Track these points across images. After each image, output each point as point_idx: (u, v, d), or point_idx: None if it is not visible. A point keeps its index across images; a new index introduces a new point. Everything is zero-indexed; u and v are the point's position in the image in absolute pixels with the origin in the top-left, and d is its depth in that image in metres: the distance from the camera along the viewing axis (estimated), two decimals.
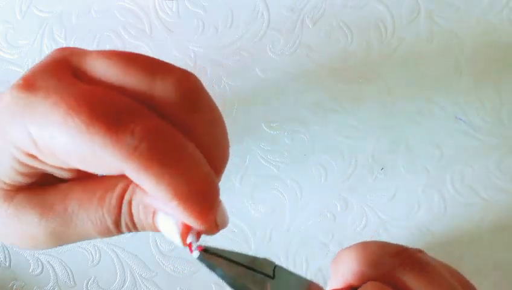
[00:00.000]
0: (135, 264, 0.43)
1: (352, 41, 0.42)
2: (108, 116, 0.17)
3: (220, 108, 0.21)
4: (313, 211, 0.42)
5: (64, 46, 0.43)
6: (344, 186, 0.42)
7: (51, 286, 0.43)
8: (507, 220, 0.41)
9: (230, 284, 0.19)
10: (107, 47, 0.43)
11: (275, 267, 0.20)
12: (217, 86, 0.43)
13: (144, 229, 0.20)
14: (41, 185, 0.20)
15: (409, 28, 0.42)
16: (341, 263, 0.22)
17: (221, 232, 0.18)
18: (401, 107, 0.42)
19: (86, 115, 0.16)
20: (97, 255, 0.43)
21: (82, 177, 0.20)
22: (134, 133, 0.17)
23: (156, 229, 0.19)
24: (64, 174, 0.20)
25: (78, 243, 0.42)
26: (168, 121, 0.18)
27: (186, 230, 0.19)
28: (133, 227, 0.19)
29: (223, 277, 0.19)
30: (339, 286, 0.22)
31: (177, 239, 0.19)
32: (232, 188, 0.42)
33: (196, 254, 0.19)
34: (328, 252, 0.42)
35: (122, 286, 0.43)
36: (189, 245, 0.19)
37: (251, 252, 0.42)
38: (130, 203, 0.19)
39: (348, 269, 0.21)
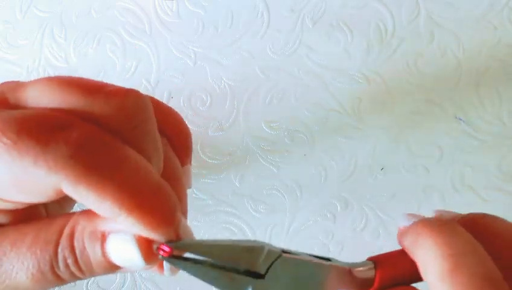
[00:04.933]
0: None
1: (352, 41, 0.42)
2: (38, 129, 0.15)
3: (220, 108, 0.20)
4: (313, 211, 0.42)
5: (63, 46, 0.43)
6: (344, 186, 0.42)
7: None
8: (507, 220, 0.41)
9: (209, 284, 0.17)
10: (107, 47, 0.43)
11: (278, 258, 0.17)
12: (217, 86, 0.43)
13: (89, 269, 0.17)
14: None
15: (409, 28, 0.42)
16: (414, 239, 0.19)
17: (222, 232, 0.18)
18: (401, 107, 0.42)
19: (14, 131, 0.15)
20: None
21: (20, 221, 0.18)
22: (69, 141, 0.15)
23: (105, 265, 0.17)
24: None
25: None
26: (106, 131, 0.17)
27: (147, 244, 0.17)
28: (75, 265, 0.17)
29: (196, 277, 0.17)
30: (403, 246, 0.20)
31: (138, 258, 0.17)
32: (232, 188, 0.42)
33: (161, 258, 0.16)
34: (328, 252, 0.42)
35: (122, 286, 0.43)
36: (160, 261, 0.17)
37: None
38: (71, 235, 0.17)
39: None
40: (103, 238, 0.17)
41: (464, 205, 0.41)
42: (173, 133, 0.21)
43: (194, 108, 0.43)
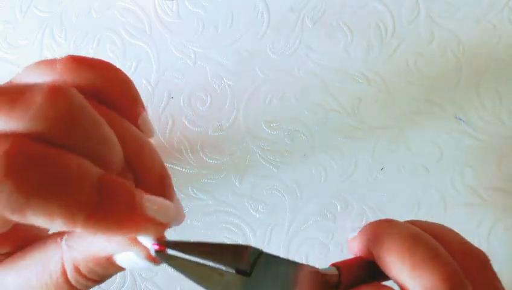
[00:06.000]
0: None
1: (352, 41, 0.42)
2: None
3: (220, 108, 0.20)
4: (313, 211, 0.42)
5: (63, 46, 0.43)
6: (344, 186, 0.42)
7: None
8: (507, 220, 0.41)
9: (196, 284, 0.17)
10: (107, 47, 0.43)
11: (258, 257, 0.18)
12: (217, 86, 0.43)
13: (104, 278, 0.18)
14: None
15: (409, 28, 0.42)
16: (366, 236, 0.21)
17: (222, 232, 0.18)
18: (401, 107, 0.42)
19: None
20: None
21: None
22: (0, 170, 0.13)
23: (117, 270, 0.18)
24: None
25: None
26: (38, 143, 0.15)
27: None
28: (96, 282, 0.18)
29: (187, 278, 0.17)
30: (357, 251, 0.22)
31: (146, 265, 0.17)
32: (232, 188, 0.42)
33: (153, 252, 0.17)
34: (328, 252, 0.42)
35: (122, 286, 0.43)
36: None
37: None
38: (76, 270, 0.17)
39: (377, 252, 0.20)
40: (109, 260, 0.17)
41: (464, 205, 0.41)
42: (110, 89, 0.18)
43: (194, 108, 0.43)
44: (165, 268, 0.42)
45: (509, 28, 0.42)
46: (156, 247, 0.16)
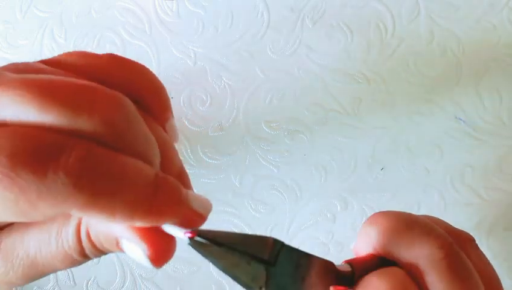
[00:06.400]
0: (135, 264, 0.43)
1: (352, 41, 0.42)
2: (33, 160, 0.14)
3: (220, 108, 0.21)
4: (313, 211, 0.42)
5: (63, 46, 0.43)
6: (344, 186, 0.42)
7: (51, 286, 0.43)
8: (507, 220, 0.41)
9: (223, 272, 0.18)
10: (107, 47, 0.43)
11: (281, 248, 0.19)
12: (217, 86, 0.43)
13: (111, 252, 0.19)
14: None
15: (409, 28, 0.42)
16: (373, 230, 0.21)
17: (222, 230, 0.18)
18: (401, 107, 0.42)
19: (8, 166, 0.14)
20: None
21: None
22: (68, 170, 0.15)
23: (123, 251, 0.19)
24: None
25: None
26: (99, 145, 0.16)
27: (155, 248, 0.18)
28: (100, 253, 0.19)
29: (215, 265, 0.18)
30: (363, 250, 0.22)
31: (146, 263, 0.18)
32: (232, 188, 0.42)
33: (186, 240, 0.18)
34: (328, 252, 0.42)
35: (122, 286, 0.43)
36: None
37: None
38: (88, 234, 0.18)
39: (379, 239, 0.21)
40: (117, 241, 0.18)
41: (464, 205, 0.41)
42: (146, 93, 0.20)
43: (194, 108, 0.43)
44: (165, 268, 0.42)
45: (509, 28, 0.42)
46: (189, 234, 0.17)
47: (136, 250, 0.18)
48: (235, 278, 0.18)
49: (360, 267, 0.21)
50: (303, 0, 0.43)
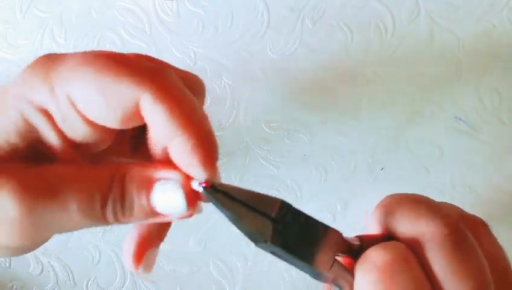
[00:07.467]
0: None
1: (352, 41, 0.42)
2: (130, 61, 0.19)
3: (220, 108, 0.21)
4: (313, 211, 0.42)
5: (63, 46, 0.43)
6: (344, 186, 0.42)
7: (51, 286, 0.43)
8: (507, 220, 0.41)
9: (231, 222, 0.19)
10: (107, 47, 0.43)
11: (289, 209, 0.20)
12: (217, 86, 0.43)
13: (132, 214, 0.19)
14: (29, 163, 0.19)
15: (409, 28, 0.42)
16: (382, 208, 0.22)
17: (222, 230, 0.18)
18: (401, 107, 0.42)
19: (113, 62, 0.18)
20: (97, 255, 0.43)
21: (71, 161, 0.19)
22: (151, 66, 0.19)
23: (146, 213, 0.19)
24: (58, 145, 0.19)
25: (79, 243, 0.42)
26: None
27: (190, 191, 0.19)
28: (121, 208, 0.19)
29: (225, 215, 0.19)
30: (374, 230, 0.22)
31: (182, 204, 0.19)
32: None
33: (200, 189, 0.19)
34: None
35: (122, 286, 0.43)
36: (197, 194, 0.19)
37: (251, 251, 0.42)
38: (122, 178, 0.19)
39: (386, 215, 0.21)
40: (150, 185, 0.19)
41: (464, 205, 0.41)
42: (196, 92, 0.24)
43: None
44: (165, 268, 0.42)
45: (509, 28, 0.42)
46: (204, 184, 0.19)
47: (171, 192, 0.19)
48: (242, 228, 0.19)
49: (369, 243, 0.21)
50: (303, 0, 0.43)
